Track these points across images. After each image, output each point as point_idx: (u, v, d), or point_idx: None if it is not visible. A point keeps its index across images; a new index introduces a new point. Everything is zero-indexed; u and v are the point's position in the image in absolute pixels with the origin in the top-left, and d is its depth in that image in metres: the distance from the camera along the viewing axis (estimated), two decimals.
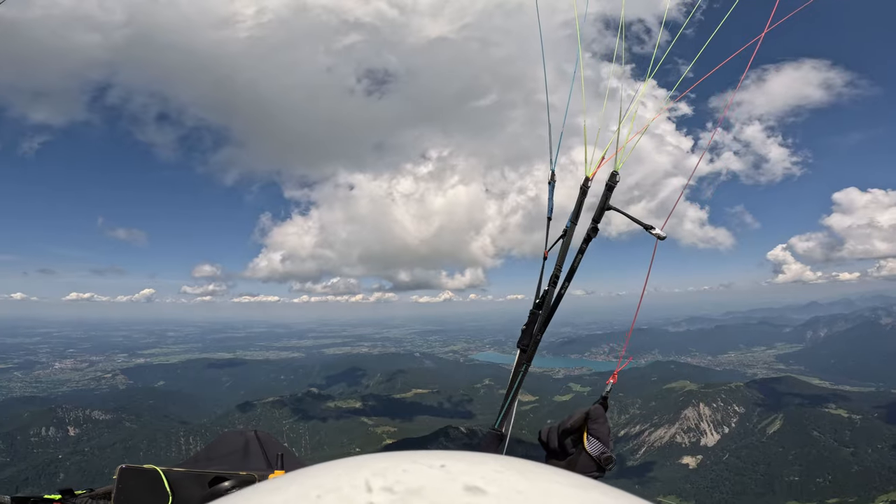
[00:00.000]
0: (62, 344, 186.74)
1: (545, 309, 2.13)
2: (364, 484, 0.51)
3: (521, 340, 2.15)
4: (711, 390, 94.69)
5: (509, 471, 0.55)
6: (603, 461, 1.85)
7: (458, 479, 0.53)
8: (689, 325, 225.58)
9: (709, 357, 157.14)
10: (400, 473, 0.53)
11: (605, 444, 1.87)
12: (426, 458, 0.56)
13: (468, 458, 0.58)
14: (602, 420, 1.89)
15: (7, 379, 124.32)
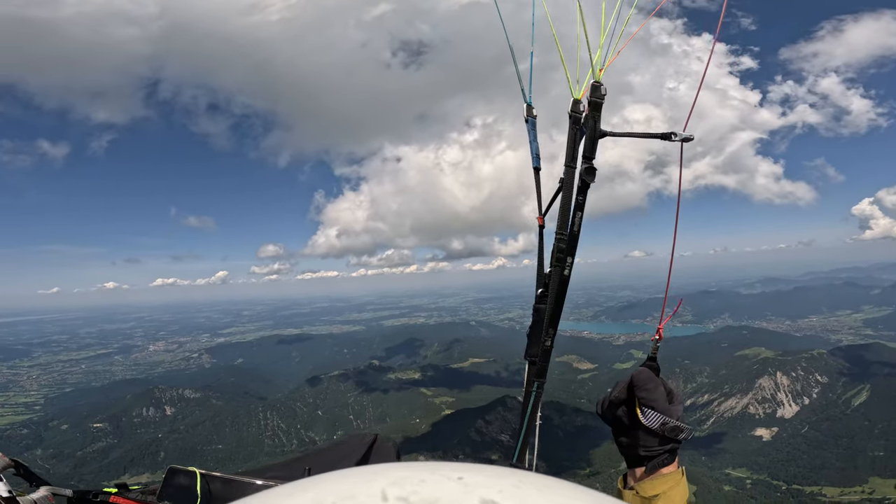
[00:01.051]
0: (154, 327, 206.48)
1: (550, 299, 1.64)
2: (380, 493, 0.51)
3: (529, 350, 1.71)
4: (790, 358, 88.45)
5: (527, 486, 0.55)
6: (668, 433, 1.55)
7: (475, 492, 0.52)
8: (764, 286, 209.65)
9: (787, 322, 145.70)
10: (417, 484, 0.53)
11: (665, 412, 1.55)
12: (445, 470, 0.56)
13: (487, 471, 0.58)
14: (652, 385, 1.57)
15: (109, 363, 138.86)
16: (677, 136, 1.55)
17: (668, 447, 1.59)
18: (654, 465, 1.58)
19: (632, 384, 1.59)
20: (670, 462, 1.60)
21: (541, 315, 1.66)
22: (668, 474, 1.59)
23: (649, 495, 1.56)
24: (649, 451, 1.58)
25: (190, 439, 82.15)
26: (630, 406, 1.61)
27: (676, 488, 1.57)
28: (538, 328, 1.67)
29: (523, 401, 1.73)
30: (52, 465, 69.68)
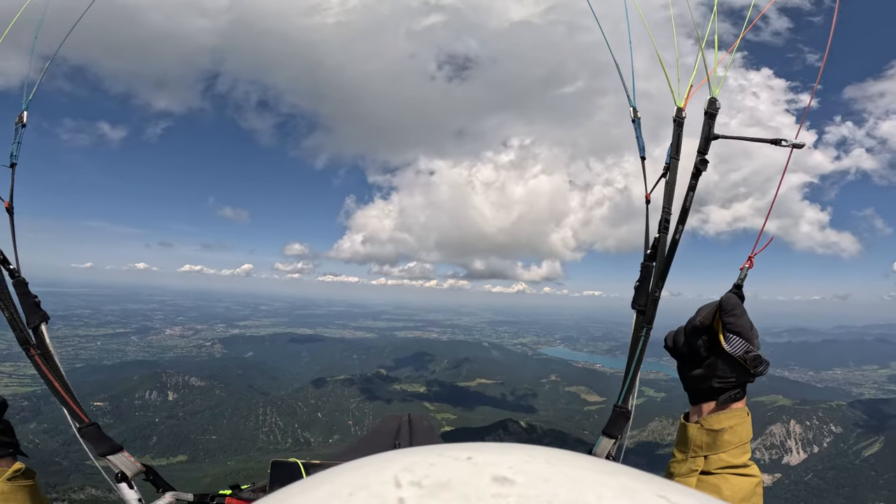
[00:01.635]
0: (174, 311, 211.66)
1: (659, 259, 1.80)
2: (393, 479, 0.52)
3: (637, 300, 1.81)
4: (808, 407, 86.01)
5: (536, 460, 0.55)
6: (749, 362, 1.54)
7: (485, 470, 0.52)
8: (792, 336, 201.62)
9: (810, 372, 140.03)
10: (427, 467, 0.53)
11: (749, 340, 1.54)
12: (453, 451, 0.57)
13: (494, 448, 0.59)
14: (740, 310, 1.57)
15: (124, 343, 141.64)
16: (787, 143, 1.76)
17: (745, 379, 1.58)
18: (727, 399, 1.58)
19: (720, 308, 1.58)
20: (741, 398, 1.60)
21: (648, 272, 1.82)
22: (738, 409, 1.59)
23: (716, 428, 1.55)
24: (724, 382, 1.57)
25: (185, 427, 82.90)
26: (712, 333, 1.61)
27: (743, 425, 1.57)
28: (646, 282, 1.82)
29: (630, 346, 1.84)
30: (42, 440, 70.67)
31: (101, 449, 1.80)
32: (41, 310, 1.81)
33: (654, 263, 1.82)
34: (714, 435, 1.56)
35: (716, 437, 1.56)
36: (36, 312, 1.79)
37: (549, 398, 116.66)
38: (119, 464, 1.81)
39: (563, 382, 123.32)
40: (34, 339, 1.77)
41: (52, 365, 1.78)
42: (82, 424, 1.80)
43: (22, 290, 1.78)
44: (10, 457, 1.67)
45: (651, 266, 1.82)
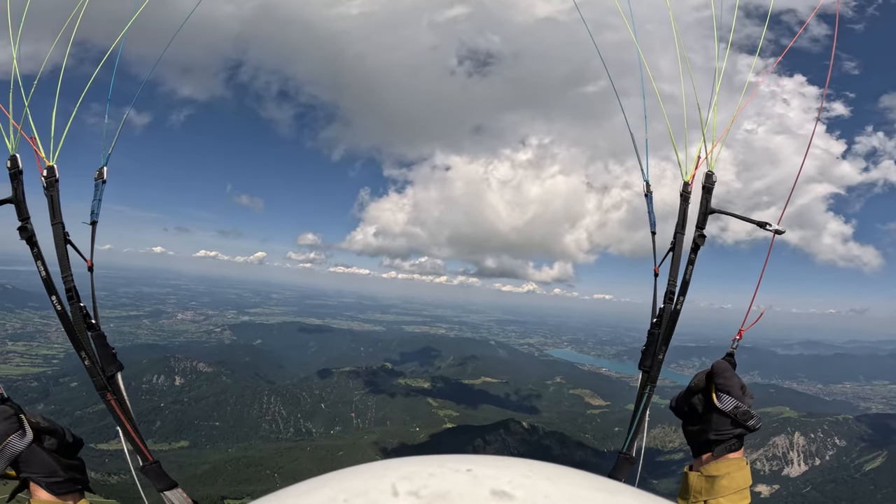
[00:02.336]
0: (187, 296, 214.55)
1: (664, 327, 2.04)
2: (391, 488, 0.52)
3: (643, 362, 2.06)
4: (813, 420, 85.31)
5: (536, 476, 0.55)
6: (740, 416, 1.77)
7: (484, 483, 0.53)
8: (804, 349, 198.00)
9: (819, 385, 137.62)
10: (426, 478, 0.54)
11: (738, 398, 1.78)
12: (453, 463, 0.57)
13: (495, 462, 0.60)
14: (729, 373, 1.83)
15: (137, 326, 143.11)
16: (770, 227, 1.97)
17: (738, 432, 1.78)
18: (722, 449, 1.78)
19: (711, 372, 1.84)
20: (737, 448, 1.80)
21: (654, 338, 2.04)
22: (734, 459, 1.78)
23: (714, 474, 1.74)
24: (719, 435, 1.78)
25: (190, 412, 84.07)
26: (706, 394, 1.85)
27: (741, 472, 1.75)
28: (652, 346, 2.04)
29: (636, 401, 2.08)
30: None
31: (161, 485, 1.92)
32: (117, 360, 1.99)
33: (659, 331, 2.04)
34: (712, 480, 1.75)
35: (713, 483, 1.74)
36: (113, 363, 1.97)
37: (552, 400, 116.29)
38: (174, 499, 1.92)
39: (568, 385, 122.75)
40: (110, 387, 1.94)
41: (125, 409, 1.96)
42: (146, 462, 1.94)
43: (101, 342, 1.95)
44: (76, 493, 1.79)
45: (656, 333, 2.04)
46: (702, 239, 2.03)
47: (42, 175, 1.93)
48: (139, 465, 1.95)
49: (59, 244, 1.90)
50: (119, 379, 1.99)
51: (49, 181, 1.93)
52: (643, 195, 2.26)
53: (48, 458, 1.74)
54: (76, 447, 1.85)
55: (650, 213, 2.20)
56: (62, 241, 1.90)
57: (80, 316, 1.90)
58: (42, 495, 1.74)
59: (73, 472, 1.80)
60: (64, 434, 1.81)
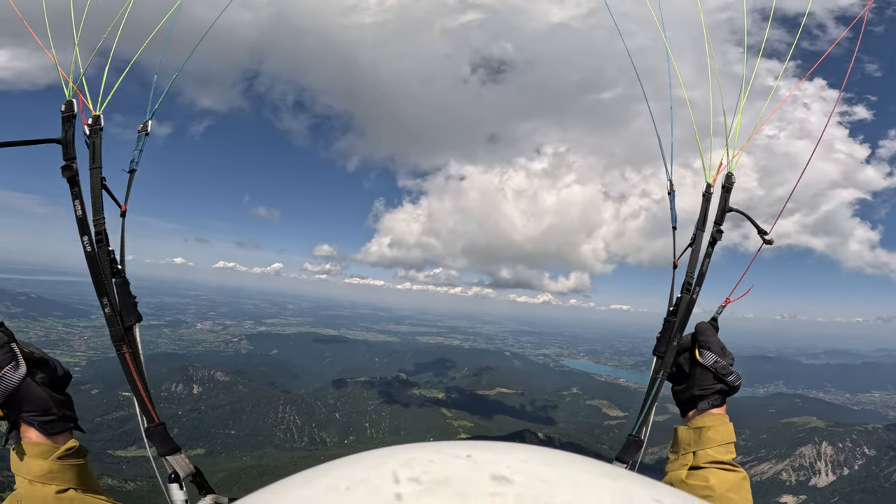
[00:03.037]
0: (206, 306, 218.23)
1: (680, 315, 2.12)
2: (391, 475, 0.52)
3: (658, 348, 2.13)
4: (841, 429, 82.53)
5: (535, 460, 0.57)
6: (719, 370, 1.90)
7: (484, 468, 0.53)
8: (830, 358, 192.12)
9: (846, 395, 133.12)
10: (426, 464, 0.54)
11: (718, 354, 1.92)
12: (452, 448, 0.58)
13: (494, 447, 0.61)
14: (710, 333, 1.98)
15: (157, 335, 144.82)
16: (767, 236, 2.12)
17: (719, 387, 1.91)
18: (706, 404, 1.92)
19: (696, 331, 2.00)
20: (719, 405, 1.93)
21: (670, 325, 2.08)
22: (717, 414, 1.91)
23: (700, 426, 1.88)
24: (703, 390, 1.93)
25: (207, 420, 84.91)
26: (691, 352, 1.99)
27: (725, 426, 1.88)
28: (667, 332, 2.07)
29: (648, 385, 2.09)
30: None
31: (164, 449, 1.86)
32: (137, 311, 1.90)
33: (676, 319, 2.12)
34: (699, 431, 1.87)
35: (700, 434, 1.87)
36: (132, 313, 1.88)
37: (569, 410, 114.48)
38: (175, 464, 1.86)
39: (584, 395, 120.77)
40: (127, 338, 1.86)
41: (138, 364, 1.87)
42: (151, 424, 1.86)
43: (124, 289, 1.88)
44: (67, 432, 1.71)
45: (673, 321, 2.12)
46: (719, 234, 2.17)
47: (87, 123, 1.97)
48: (144, 427, 1.89)
49: (94, 187, 1.90)
50: (137, 331, 1.91)
51: (93, 129, 1.96)
52: (667, 193, 2.36)
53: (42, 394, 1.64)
54: (65, 381, 1.77)
55: (672, 209, 2.32)
56: (98, 184, 1.90)
57: (108, 260, 1.87)
58: (32, 435, 1.63)
59: (65, 410, 1.70)
60: (55, 367, 1.73)
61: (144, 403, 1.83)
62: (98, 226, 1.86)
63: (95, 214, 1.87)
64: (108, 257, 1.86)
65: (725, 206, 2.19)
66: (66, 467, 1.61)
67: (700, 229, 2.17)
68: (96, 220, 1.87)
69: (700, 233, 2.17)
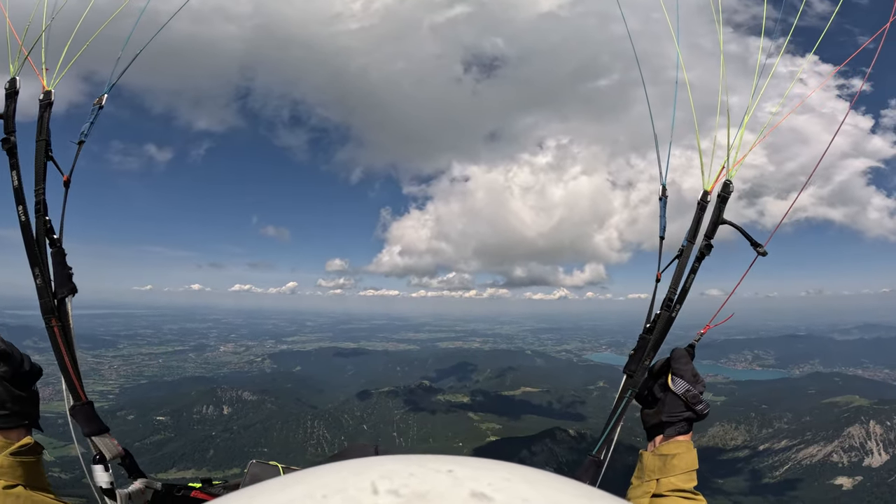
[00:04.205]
0: (227, 329, 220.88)
1: (656, 333, 2.04)
2: (370, 486, 0.51)
3: (629, 365, 2.06)
4: (887, 407, 79.82)
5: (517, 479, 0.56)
6: (689, 399, 1.90)
7: (464, 484, 0.52)
8: (863, 332, 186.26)
9: (885, 370, 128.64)
10: (406, 477, 0.53)
11: (690, 382, 1.92)
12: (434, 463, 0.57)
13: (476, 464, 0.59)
14: (685, 360, 1.97)
15: (183, 360, 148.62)
16: (760, 248, 2.03)
17: (687, 415, 1.92)
18: (672, 431, 1.93)
19: (671, 357, 2.00)
20: (685, 432, 1.95)
21: (644, 343, 2.05)
22: (683, 441, 1.92)
23: (666, 453, 1.88)
24: (671, 417, 1.93)
25: (240, 440, 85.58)
26: (664, 377, 1.99)
27: (689, 454, 1.89)
28: (640, 351, 2.04)
29: (615, 403, 2.08)
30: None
31: (89, 429, 1.78)
32: (72, 283, 1.82)
33: (651, 336, 2.04)
34: (664, 459, 1.87)
35: (665, 462, 1.86)
36: (66, 284, 1.81)
37: (598, 405, 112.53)
38: (101, 445, 1.79)
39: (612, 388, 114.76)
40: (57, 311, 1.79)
41: (68, 339, 1.80)
42: (77, 402, 1.78)
43: (59, 259, 1.82)
44: (24, 428, 1.65)
45: (648, 339, 2.04)
46: (708, 249, 2.03)
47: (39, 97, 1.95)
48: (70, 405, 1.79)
49: (38, 157, 1.87)
50: (69, 305, 1.81)
51: (43, 104, 1.93)
52: (658, 199, 2.21)
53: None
54: (32, 377, 1.71)
55: (662, 216, 2.18)
56: (42, 155, 1.87)
57: (44, 230, 1.81)
58: None
59: (22, 405, 1.64)
60: (22, 361, 1.68)
61: (71, 380, 1.77)
62: (38, 195, 1.84)
63: (37, 184, 1.85)
64: (45, 227, 1.82)
65: (718, 218, 2.04)
66: (18, 464, 1.54)
67: (690, 241, 2.06)
68: (37, 189, 1.84)
69: (689, 245, 2.06)
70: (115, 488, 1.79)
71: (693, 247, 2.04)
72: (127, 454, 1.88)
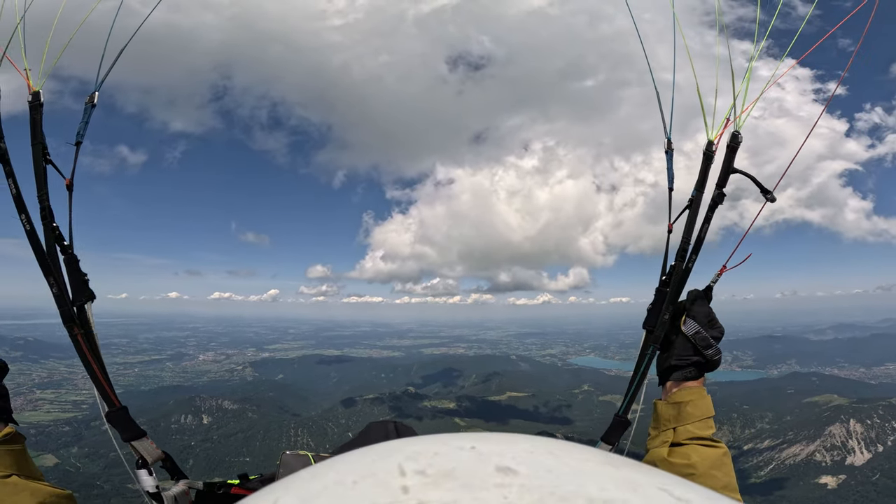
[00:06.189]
0: (206, 338, 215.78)
1: (672, 286, 1.95)
2: (397, 468, 0.52)
3: (648, 321, 1.98)
4: (866, 406, 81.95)
5: (540, 451, 0.56)
6: (698, 342, 1.84)
7: (489, 459, 0.53)
8: (837, 332, 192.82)
9: (861, 369, 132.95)
10: (431, 456, 0.54)
11: (701, 324, 1.86)
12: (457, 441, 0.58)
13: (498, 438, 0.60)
14: (700, 302, 1.91)
15: (161, 369, 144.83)
16: (770, 195, 1.98)
17: (695, 359, 1.86)
18: (680, 376, 1.88)
19: (686, 299, 1.94)
20: (695, 377, 1.89)
21: (661, 296, 1.96)
22: (694, 387, 1.87)
23: (678, 401, 1.83)
24: (679, 360, 1.88)
25: (220, 450, 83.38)
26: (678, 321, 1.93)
27: (703, 400, 1.83)
28: (658, 305, 1.96)
29: (637, 361, 2.03)
30: (83, 465, 71.51)
31: (127, 434, 1.79)
32: (89, 289, 1.79)
33: (668, 289, 1.96)
34: (678, 407, 1.81)
35: (679, 409, 1.81)
36: (83, 291, 1.77)
37: (583, 408, 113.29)
38: (141, 450, 1.81)
39: (596, 392, 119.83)
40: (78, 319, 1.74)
41: (93, 346, 1.77)
42: (112, 408, 1.78)
43: (73, 267, 1.78)
44: (2, 422, 1.65)
45: (665, 291, 1.96)
46: (721, 198, 1.97)
47: (28, 99, 1.87)
48: (105, 412, 1.78)
49: (37, 162, 1.79)
50: (89, 311, 1.78)
51: (33, 105, 1.85)
52: (664, 152, 2.14)
53: None
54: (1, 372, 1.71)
55: (669, 168, 2.12)
56: (40, 159, 1.79)
57: (53, 236, 1.76)
58: None
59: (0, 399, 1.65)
60: None
61: (103, 387, 1.77)
62: (42, 201, 1.76)
63: (39, 190, 1.77)
64: (54, 234, 1.77)
65: (730, 167, 1.97)
66: (5, 453, 1.57)
67: (699, 190, 1.99)
68: (40, 195, 1.76)
69: (699, 194, 1.99)
70: (161, 491, 1.80)
71: (702, 196, 1.98)
72: (167, 457, 1.88)
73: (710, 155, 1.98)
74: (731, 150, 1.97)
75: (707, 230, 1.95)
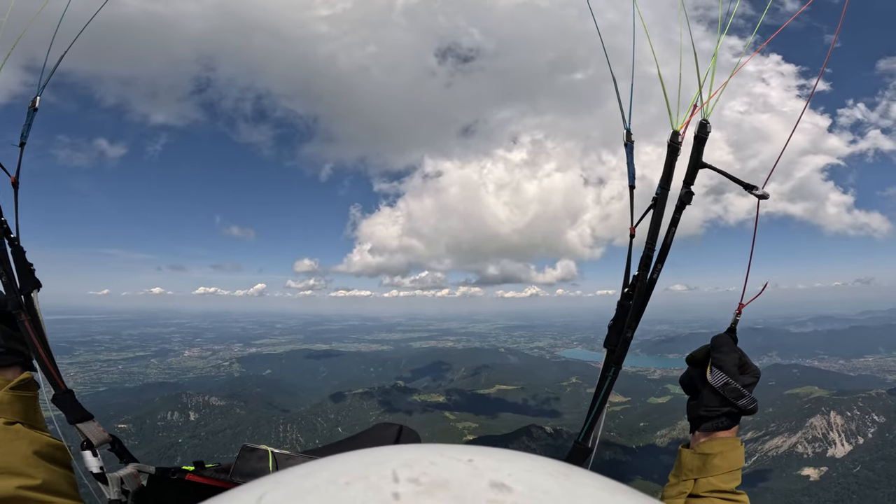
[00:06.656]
0: (192, 334, 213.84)
1: (636, 299, 1.75)
2: (391, 474, 0.52)
3: (609, 339, 1.81)
4: (846, 398, 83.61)
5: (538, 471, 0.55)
6: (728, 393, 1.67)
7: (484, 474, 0.53)
8: (817, 325, 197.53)
9: (840, 361, 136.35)
10: (427, 465, 0.54)
11: (731, 374, 1.68)
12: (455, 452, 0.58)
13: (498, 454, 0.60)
14: (727, 348, 1.72)
15: (145, 365, 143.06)
16: (757, 191, 1.73)
17: (726, 410, 1.69)
18: (711, 426, 1.72)
19: (711, 346, 1.75)
20: (727, 427, 1.73)
21: (624, 310, 1.78)
22: (724, 438, 1.72)
23: (707, 452, 1.69)
24: (709, 412, 1.72)
25: (208, 446, 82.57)
26: (704, 368, 1.76)
27: (735, 452, 1.69)
28: (620, 321, 1.78)
29: (598, 383, 1.86)
30: None
31: (73, 416, 1.80)
32: (35, 278, 1.86)
33: (632, 302, 1.77)
34: (704, 458, 1.68)
35: (705, 461, 1.68)
36: (30, 280, 1.84)
37: (571, 401, 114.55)
38: (87, 432, 1.81)
39: (584, 384, 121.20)
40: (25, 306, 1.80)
41: (39, 332, 1.81)
42: (58, 391, 1.80)
43: (19, 257, 1.85)
44: (18, 366, 1.74)
45: (627, 306, 1.77)
46: (689, 197, 1.74)
47: None
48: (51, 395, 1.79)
49: None
50: (36, 299, 1.83)
51: None
52: (623, 145, 1.91)
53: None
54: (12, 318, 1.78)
55: (629, 163, 1.89)
56: None
57: (1, 230, 1.83)
58: None
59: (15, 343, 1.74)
60: (5, 302, 1.77)
61: (49, 371, 1.81)
62: None
63: None
64: (2, 227, 1.86)
65: (698, 161, 1.74)
66: (17, 398, 1.63)
67: (664, 188, 1.76)
68: None
69: (664, 192, 1.76)
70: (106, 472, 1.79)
71: (667, 194, 1.76)
72: (115, 440, 1.87)
73: (676, 147, 1.76)
74: (700, 142, 1.74)
75: (674, 234, 1.73)
